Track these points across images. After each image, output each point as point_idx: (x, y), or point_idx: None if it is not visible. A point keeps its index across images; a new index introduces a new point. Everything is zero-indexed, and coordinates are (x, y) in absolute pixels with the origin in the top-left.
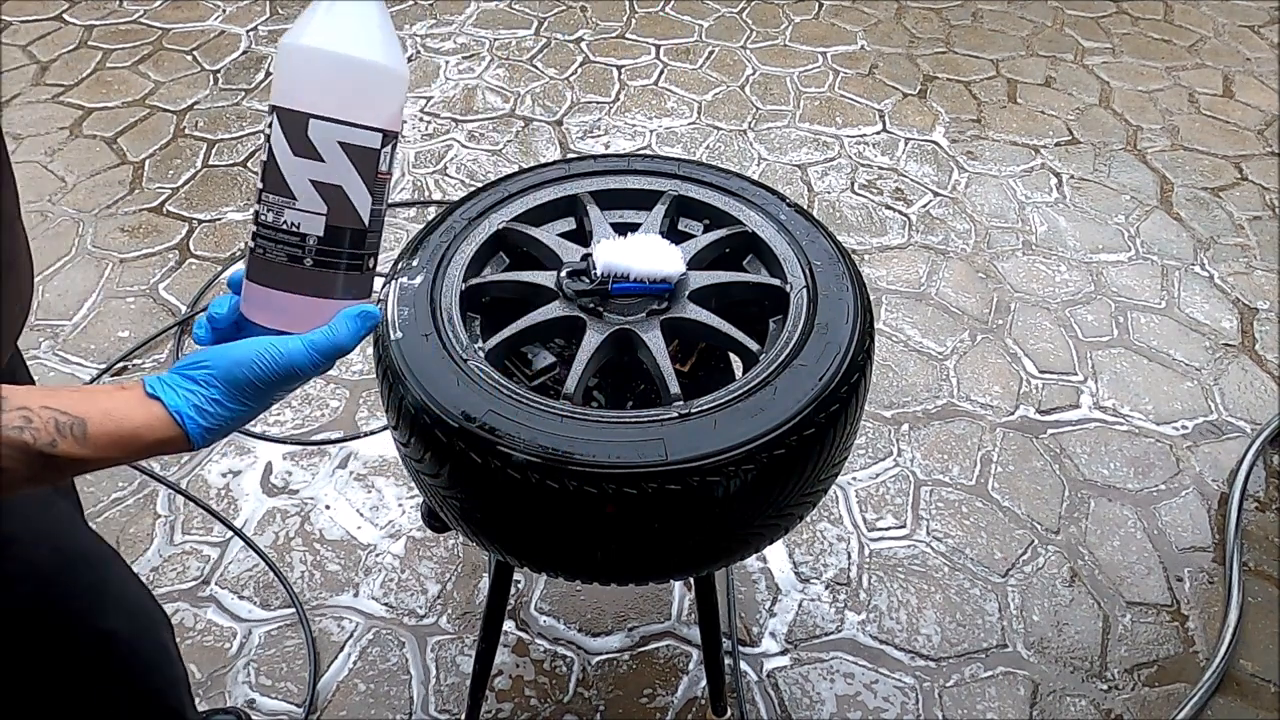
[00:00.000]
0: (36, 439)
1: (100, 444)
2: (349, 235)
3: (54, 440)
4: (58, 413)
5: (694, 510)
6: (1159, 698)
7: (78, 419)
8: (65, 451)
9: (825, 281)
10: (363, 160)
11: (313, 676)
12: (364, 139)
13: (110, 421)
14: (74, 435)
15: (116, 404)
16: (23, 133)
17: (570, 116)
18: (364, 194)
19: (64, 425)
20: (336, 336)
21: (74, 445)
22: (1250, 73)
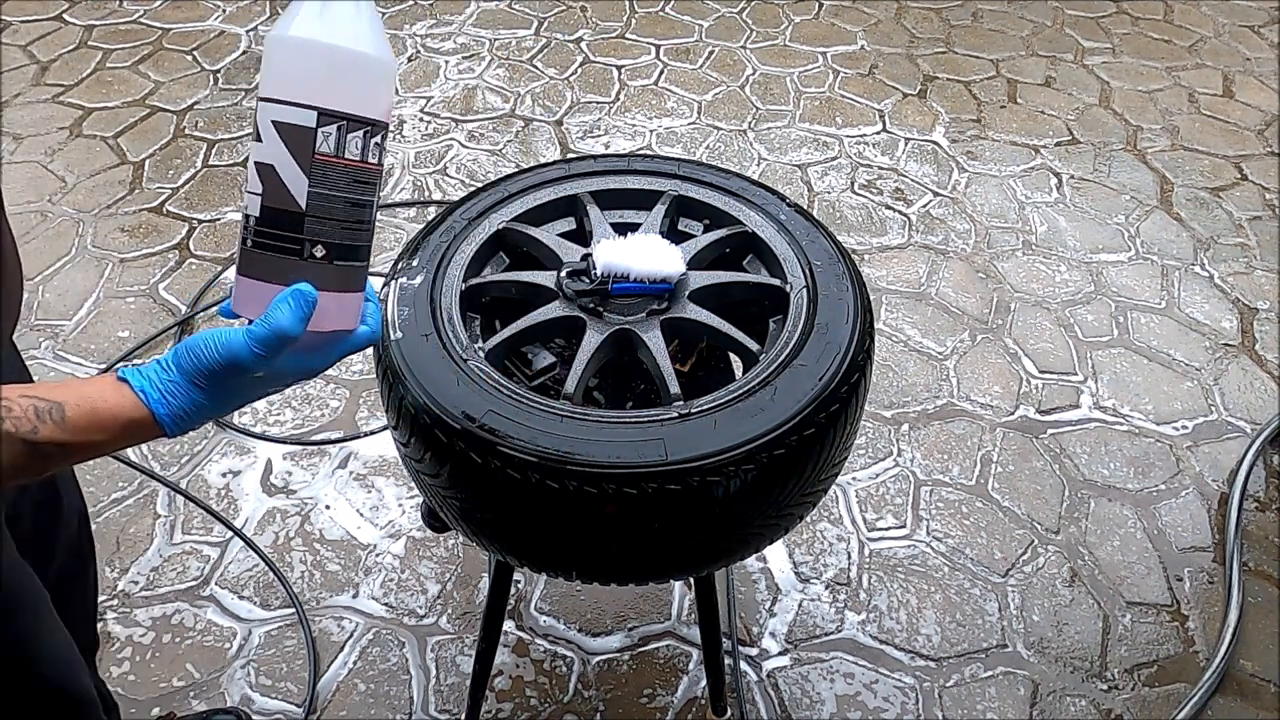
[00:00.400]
0: (18, 427)
1: (79, 426)
2: (283, 217)
3: (35, 427)
4: (35, 399)
5: (694, 510)
6: (1159, 698)
7: (55, 403)
8: (47, 437)
9: (825, 281)
10: (295, 138)
11: (313, 676)
12: (295, 116)
13: (86, 403)
14: (53, 419)
15: (90, 388)
16: (23, 133)
17: (570, 116)
18: (298, 174)
19: (43, 410)
20: (271, 321)
21: (54, 429)
22: (1250, 73)
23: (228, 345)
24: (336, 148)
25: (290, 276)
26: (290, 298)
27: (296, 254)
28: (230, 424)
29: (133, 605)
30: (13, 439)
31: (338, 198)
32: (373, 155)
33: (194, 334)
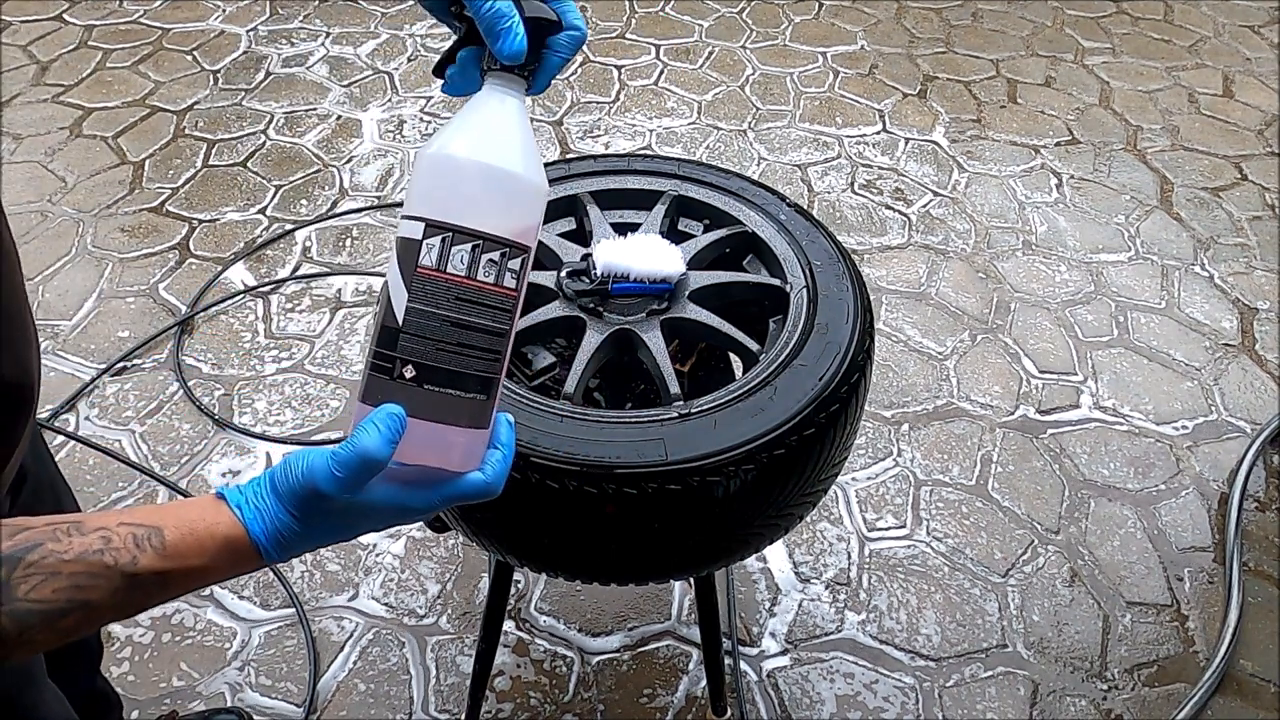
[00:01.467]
0: (118, 559)
1: (180, 550)
2: (385, 334)
3: (134, 557)
4: (134, 526)
5: (694, 510)
6: (1159, 698)
7: (154, 529)
8: (146, 566)
9: (825, 281)
10: (402, 252)
11: (313, 676)
12: (408, 230)
13: (185, 524)
14: (152, 546)
15: (189, 508)
16: (23, 133)
17: (570, 116)
18: (400, 289)
19: (142, 538)
20: (355, 442)
21: (154, 558)
22: (1250, 73)
23: (310, 466)
24: (439, 261)
25: (381, 398)
26: (376, 419)
27: (387, 373)
28: (230, 424)
29: None
30: (111, 571)
31: (439, 315)
32: (490, 274)
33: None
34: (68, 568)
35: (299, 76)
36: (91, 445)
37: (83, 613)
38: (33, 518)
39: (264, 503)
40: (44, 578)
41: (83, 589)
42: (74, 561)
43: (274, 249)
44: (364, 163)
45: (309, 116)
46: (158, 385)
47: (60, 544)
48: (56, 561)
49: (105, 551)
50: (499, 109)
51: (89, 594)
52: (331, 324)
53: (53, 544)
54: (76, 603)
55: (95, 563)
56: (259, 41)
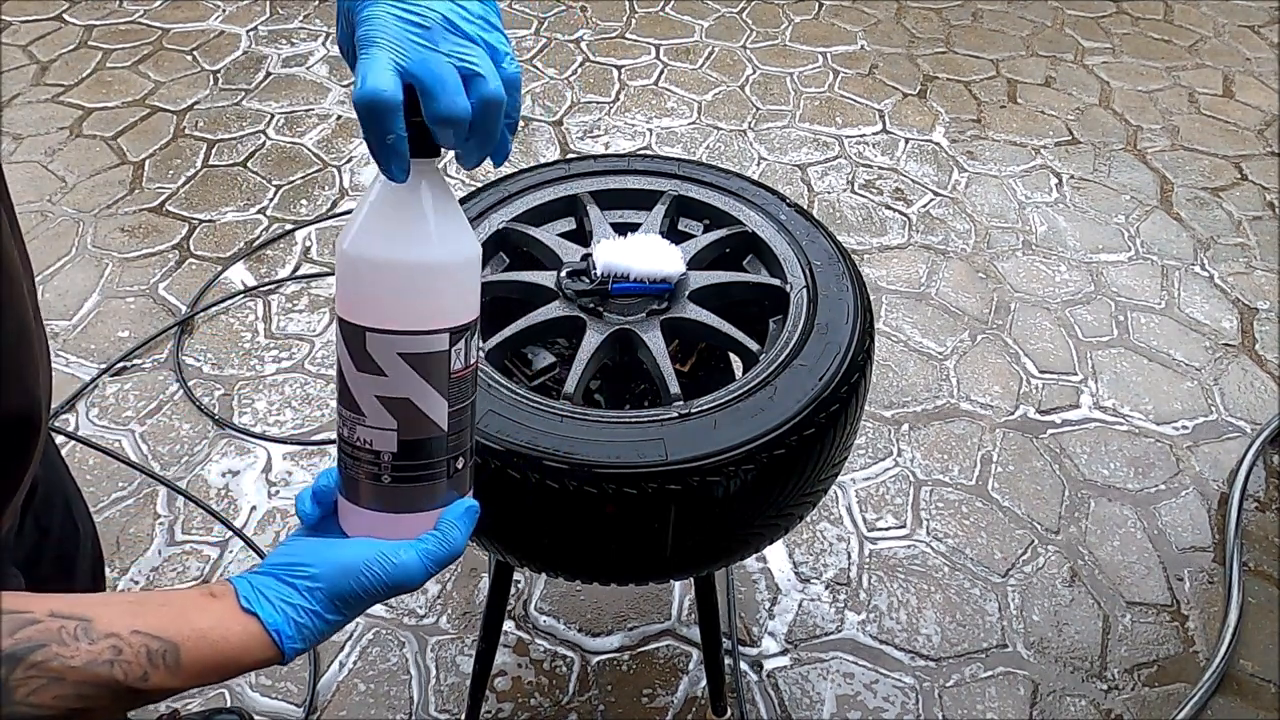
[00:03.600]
0: (128, 675)
1: (193, 671)
2: (427, 445)
3: (145, 674)
4: (149, 638)
5: (694, 510)
6: (1159, 698)
7: (170, 645)
8: (157, 684)
9: (825, 281)
10: (429, 366)
11: (313, 676)
12: (426, 345)
13: (205, 645)
14: (166, 665)
15: (210, 621)
16: (23, 133)
17: (570, 116)
18: (437, 401)
19: (155, 654)
20: (451, 544)
21: (166, 676)
22: (1250, 73)
23: (404, 570)
24: (465, 359)
25: (439, 499)
26: (466, 515)
27: (444, 475)
28: (230, 424)
29: None
30: (119, 686)
31: (466, 405)
32: (476, 353)
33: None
34: (73, 675)
35: (299, 76)
36: (91, 445)
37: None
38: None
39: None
40: (46, 682)
41: (85, 698)
42: (80, 670)
43: (274, 249)
44: (364, 163)
45: (309, 116)
46: (158, 385)
47: (67, 648)
48: (62, 667)
49: (115, 664)
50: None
51: (90, 703)
52: (331, 324)
53: (59, 647)
54: (75, 712)
55: (103, 675)
56: (259, 41)
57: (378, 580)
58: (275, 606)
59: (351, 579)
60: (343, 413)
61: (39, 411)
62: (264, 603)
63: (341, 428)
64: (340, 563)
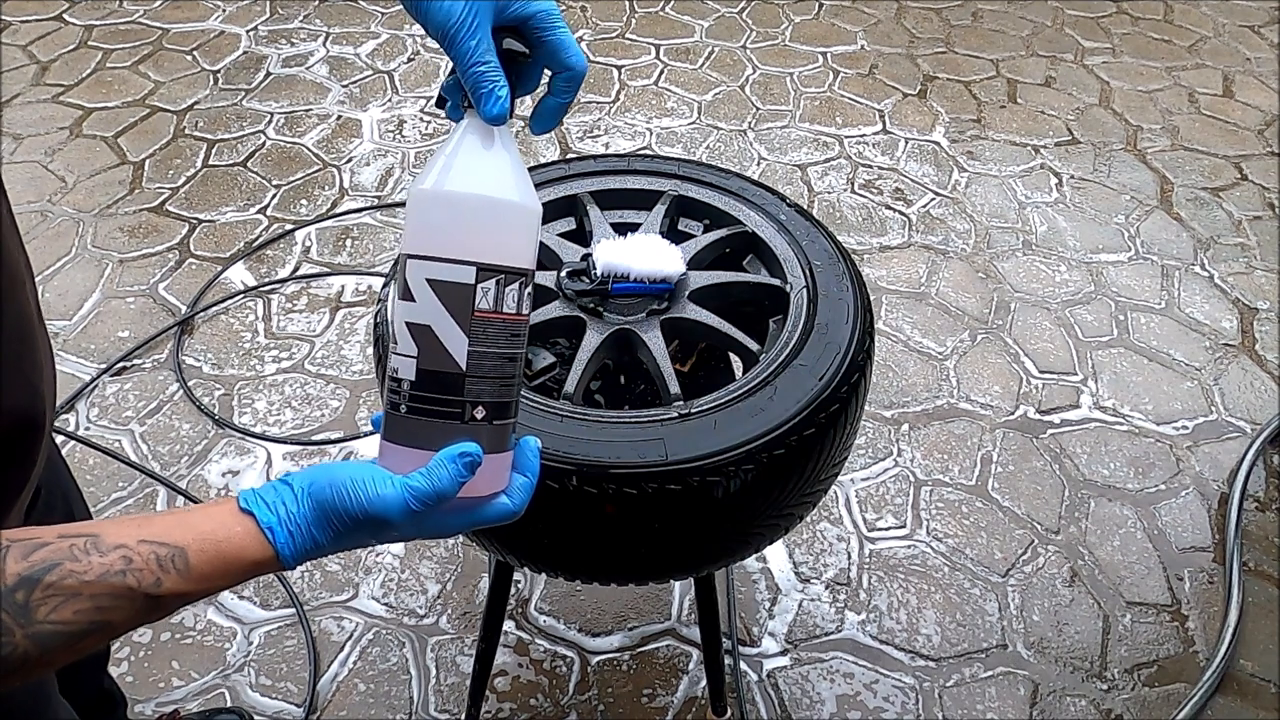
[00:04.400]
0: (141, 581)
1: (203, 573)
2: (441, 379)
3: (158, 579)
4: (156, 546)
5: (694, 510)
6: (1159, 698)
7: (177, 549)
8: (170, 589)
9: (825, 281)
10: (453, 297)
11: (313, 676)
12: (452, 274)
13: (210, 546)
14: (176, 569)
15: (213, 524)
16: (23, 133)
17: (570, 116)
18: (457, 334)
19: (165, 559)
20: (435, 482)
21: (178, 580)
22: (1250, 73)
23: (381, 499)
24: (495, 303)
25: (449, 440)
26: (457, 459)
27: (458, 417)
28: (230, 424)
29: None
30: (134, 593)
31: (495, 354)
32: (526, 306)
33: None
34: (89, 589)
35: (299, 76)
36: (91, 445)
37: (103, 633)
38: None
39: (299, 524)
40: (64, 599)
41: (104, 610)
42: (95, 583)
43: (274, 249)
44: (364, 163)
45: (309, 116)
46: (158, 385)
47: (79, 563)
48: (77, 583)
49: (127, 573)
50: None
51: (110, 615)
52: (331, 324)
53: (71, 563)
54: (98, 624)
55: (118, 585)
56: (259, 41)
57: (356, 502)
58: (270, 506)
59: (335, 493)
60: (388, 344)
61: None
62: (259, 503)
63: (387, 360)
64: (331, 478)
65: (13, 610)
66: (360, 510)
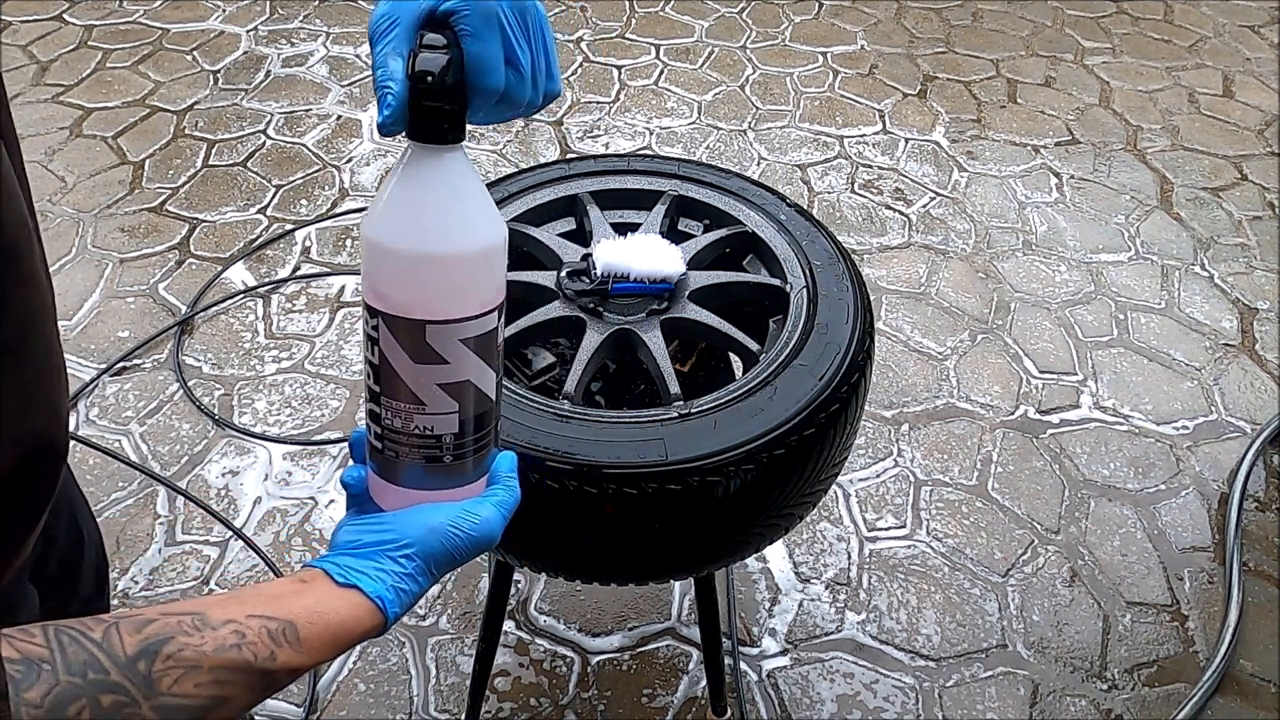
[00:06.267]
0: (257, 655)
1: (315, 646)
2: (484, 418)
3: (272, 653)
4: (266, 620)
5: (694, 510)
6: (1159, 698)
7: (287, 622)
8: (285, 663)
9: (825, 281)
10: (486, 345)
11: (313, 676)
12: (483, 325)
13: (319, 619)
14: (289, 641)
15: (316, 600)
16: (23, 133)
17: (570, 116)
18: (491, 376)
19: (276, 633)
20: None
21: (291, 653)
22: (1250, 73)
23: (487, 524)
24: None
25: (487, 463)
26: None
27: (494, 439)
28: (230, 424)
29: (132, 605)
30: (251, 669)
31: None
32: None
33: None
34: (208, 661)
35: (299, 76)
36: (91, 445)
37: (219, 711)
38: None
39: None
40: (184, 671)
41: (223, 685)
42: (213, 656)
43: (274, 249)
44: (364, 163)
45: (309, 116)
46: (158, 385)
47: (193, 638)
48: (196, 654)
49: (243, 647)
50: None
51: (228, 690)
52: (331, 324)
53: (185, 637)
54: (217, 699)
55: (236, 660)
56: (259, 41)
57: (466, 538)
58: (373, 578)
59: (442, 540)
60: (393, 405)
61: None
62: (360, 576)
63: (391, 419)
64: (428, 526)
65: (137, 681)
66: (470, 544)
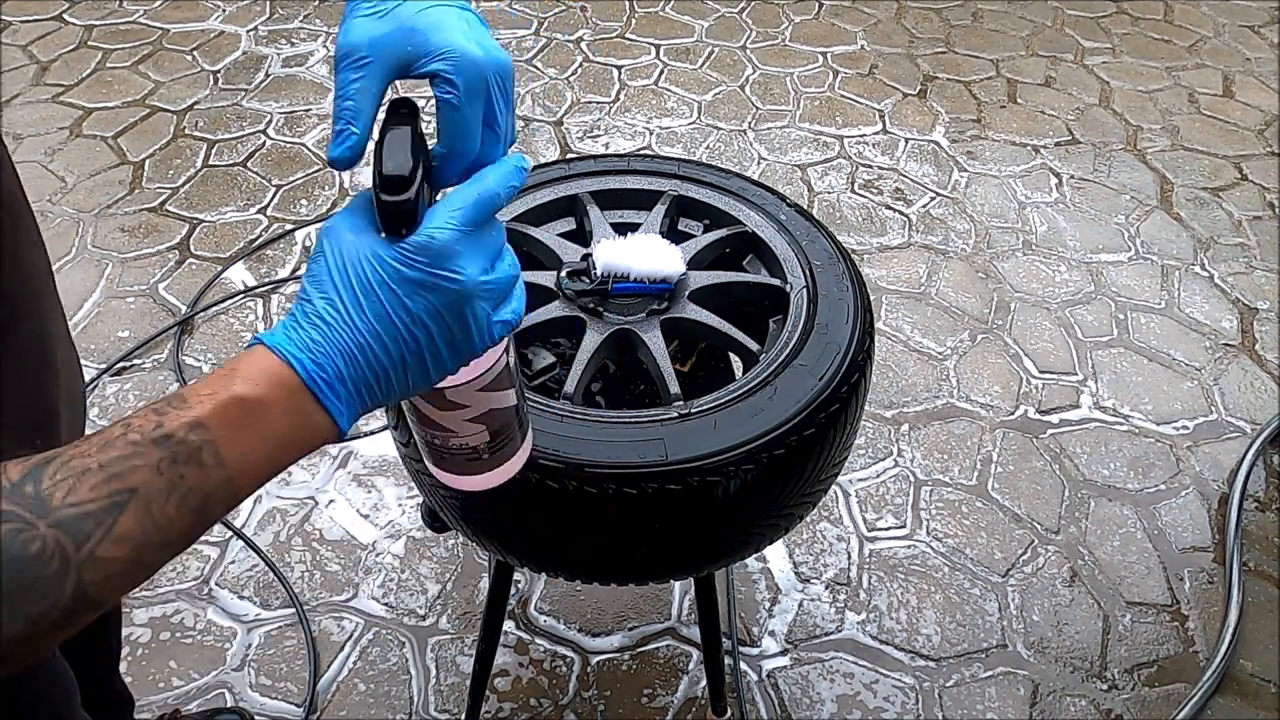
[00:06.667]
0: (143, 432)
1: (203, 403)
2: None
3: (158, 423)
4: (152, 404)
5: (694, 510)
6: (1159, 698)
7: (173, 395)
8: (176, 425)
9: (825, 281)
10: (502, 381)
11: (313, 676)
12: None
13: (204, 378)
14: (174, 407)
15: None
16: (23, 133)
17: (570, 116)
18: (508, 395)
19: (161, 406)
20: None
21: (178, 415)
22: (1250, 73)
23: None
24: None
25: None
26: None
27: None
28: None
29: (132, 605)
30: (142, 445)
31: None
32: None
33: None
34: (96, 460)
35: (299, 76)
36: None
37: (137, 506)
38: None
39: (312, 318)
40: (75, 479)
41: (121, 476)
42: (101, 454)
43: (274, 249)
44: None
45: (309, 116)
46: (158, 385)
47: (80, 448)
48: (83, 462)
49: (128, 432)
50: None
51: (130, 479)
52: None
53: (72, 450)
54: (121, 492)
55: (123, 447)
56: (259, 41)
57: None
58: (274, 330)
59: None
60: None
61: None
62: (266, 333)
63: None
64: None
65: (26, 503)
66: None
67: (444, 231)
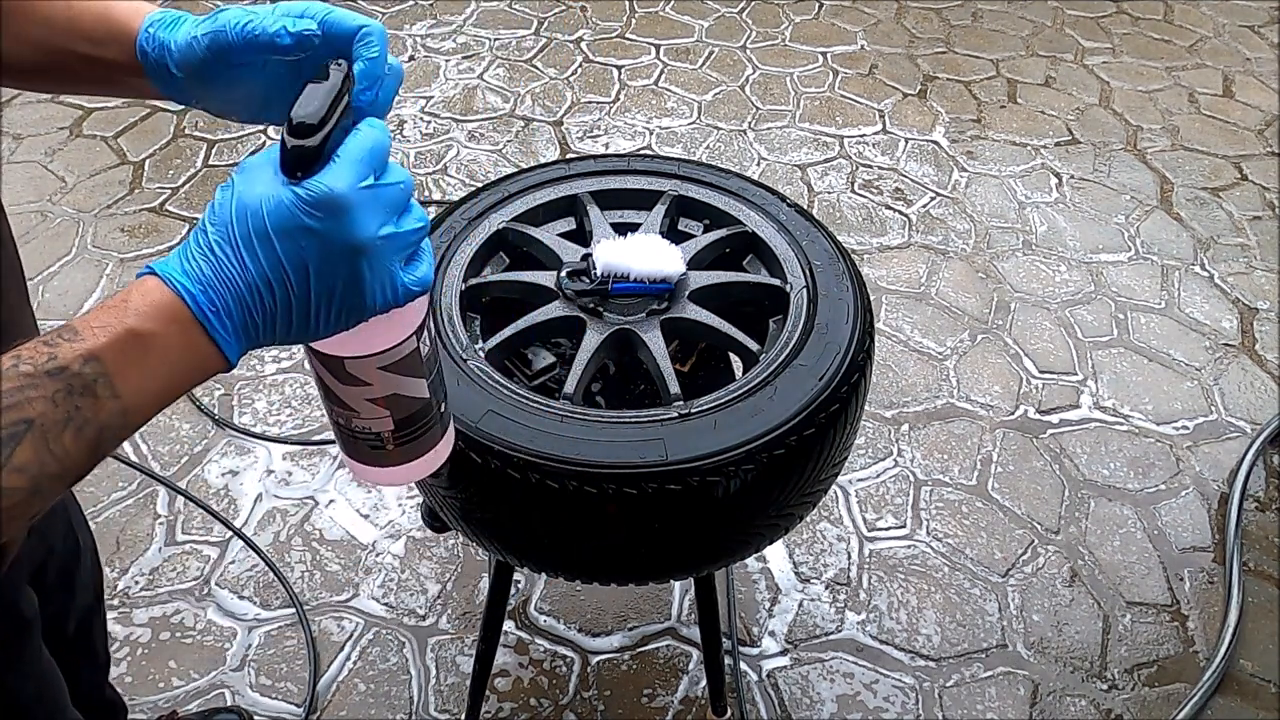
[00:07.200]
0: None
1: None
2: (419, 414)
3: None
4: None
5: (694, 510)
6: (1159, 698)
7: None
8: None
9: (825, 281)
10: (406, 366)
11: (313, 676)
12: (399, 352)
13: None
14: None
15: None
16: (23, 133)
17: (570, 116)
18: (418, 384)
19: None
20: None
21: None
22: (1250, 73)
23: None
24: (429, 339)
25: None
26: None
27: (436, 421)
28: (230, 424)
29: (132, 605)
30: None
31: (438, 366)
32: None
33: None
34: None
35: None
36: None
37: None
38: None
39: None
40: None
41: (18, 407)
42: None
43: None
44: None
45: None
46: None
47: None
48: None
49: (19, 364)
50: None
51: (25, 410)
52: None
53: None
54: (19, 424)
55: (11, 377)
56: None
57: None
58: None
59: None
60: (334, 409)
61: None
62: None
63: (336, 417)
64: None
65: None
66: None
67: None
